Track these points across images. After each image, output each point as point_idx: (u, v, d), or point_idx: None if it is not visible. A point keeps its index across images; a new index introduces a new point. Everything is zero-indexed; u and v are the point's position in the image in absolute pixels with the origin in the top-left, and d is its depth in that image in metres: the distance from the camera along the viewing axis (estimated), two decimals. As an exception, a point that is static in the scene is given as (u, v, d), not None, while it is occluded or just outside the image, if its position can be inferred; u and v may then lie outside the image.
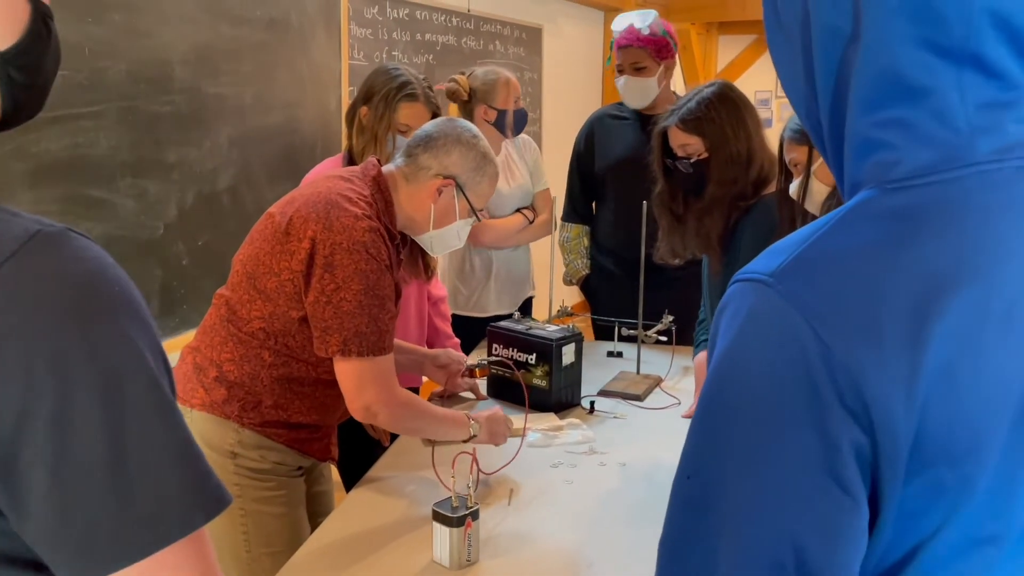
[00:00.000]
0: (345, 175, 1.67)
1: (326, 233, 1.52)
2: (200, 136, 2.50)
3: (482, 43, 4.60)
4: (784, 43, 0.69)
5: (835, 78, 0.65)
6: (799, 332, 0.58)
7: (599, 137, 2.89)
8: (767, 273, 0.61)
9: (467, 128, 1.71)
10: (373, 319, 1.54)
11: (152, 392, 0.63)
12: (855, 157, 0.65)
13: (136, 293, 0.66)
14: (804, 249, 0.61)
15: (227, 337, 1.62)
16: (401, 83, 2.08)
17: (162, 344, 0.67)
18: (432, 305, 2.30)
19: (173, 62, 2.38)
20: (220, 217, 2.60)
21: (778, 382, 0.58)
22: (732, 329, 0.62)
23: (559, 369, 2.16)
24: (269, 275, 1.57)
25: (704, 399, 0.64)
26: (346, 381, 1.56)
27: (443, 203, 1.68)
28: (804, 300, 0.58)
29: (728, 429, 0.60)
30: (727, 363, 0.62)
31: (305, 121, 2.98)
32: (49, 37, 0.70)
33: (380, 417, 1.58)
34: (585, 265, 2.97)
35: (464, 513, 1.45)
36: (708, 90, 1.99)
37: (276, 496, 1.65)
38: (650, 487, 1.77)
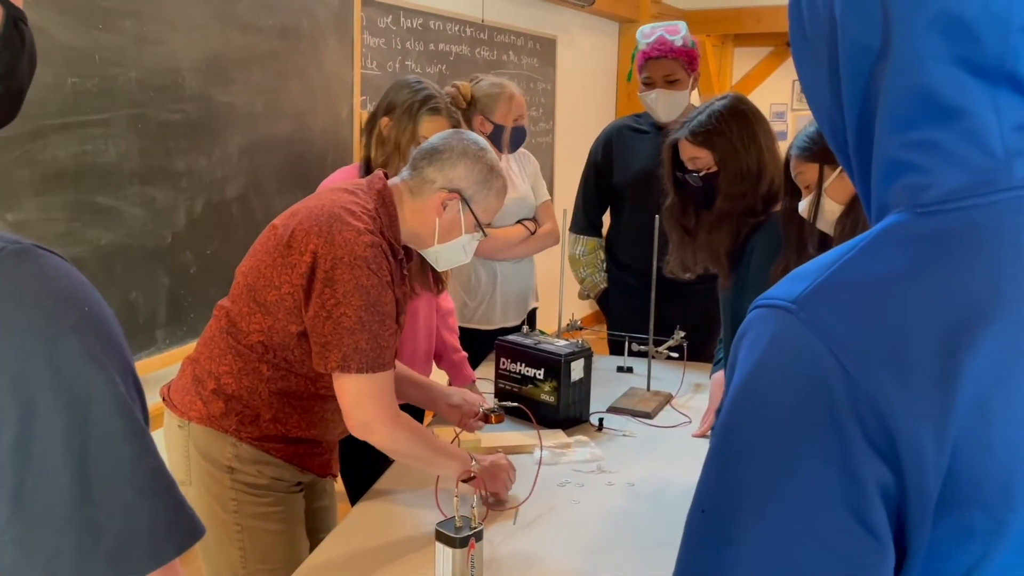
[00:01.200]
0: (350, 187, 1.64)
1: (327, 247, 1.49)
2: (209, 144, 2.49)
3: (496, 53, 4.59)
4: (810, 58, 0.67)
5: (862, 96, 0.62)
6: (822, 362, 0.55)
7: (618, 149, 2.86)
8: (790, 299, 0.59)
9: (474, 141, 1.67)
10: (373, 335, 1.51)
11: (121, 418, 0.60)
12: (883, 179, 0.62)
13: (108, 312, 0.64)
14: (829, 275, 0.59)
15: (226, 349, 1.60)
16: (425, 97, 2.07)
17: (134, 366, 0.65)
18: (440, 318, 2.28)
19: (183, 70, 2.37)
20: (229, 226, 2.58)
21: (799, 414, 0.56)
22: (752, 357, 0.60)
23: (567, 385, 2.13)
24: (269, 288, 1.55)
25: (721, 430, 0.61)
26: (345, 397, 1.53)
27: (448, 217, 1.65)
28: (828, 329, 0.56)
29: (745, 462, 0.58)
30: (746, 393, 0.59)
31: (316, 130, 2.97)
32: (23, 42, 0.68)
33: (377, 435, 1.54)
34: (603, 279, 2.94)
35: (468, 534, 1.42)
36: (719, 103, 1.96)
37: (274, 512, 1.62)
38: (659, 509, 1.74)
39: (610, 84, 6.28)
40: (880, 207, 0.63)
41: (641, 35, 2.75)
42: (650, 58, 2.70)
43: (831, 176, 1.64)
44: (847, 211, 1.63)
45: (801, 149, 1.69)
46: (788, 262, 1.78)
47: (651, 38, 2.70)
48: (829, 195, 1.65)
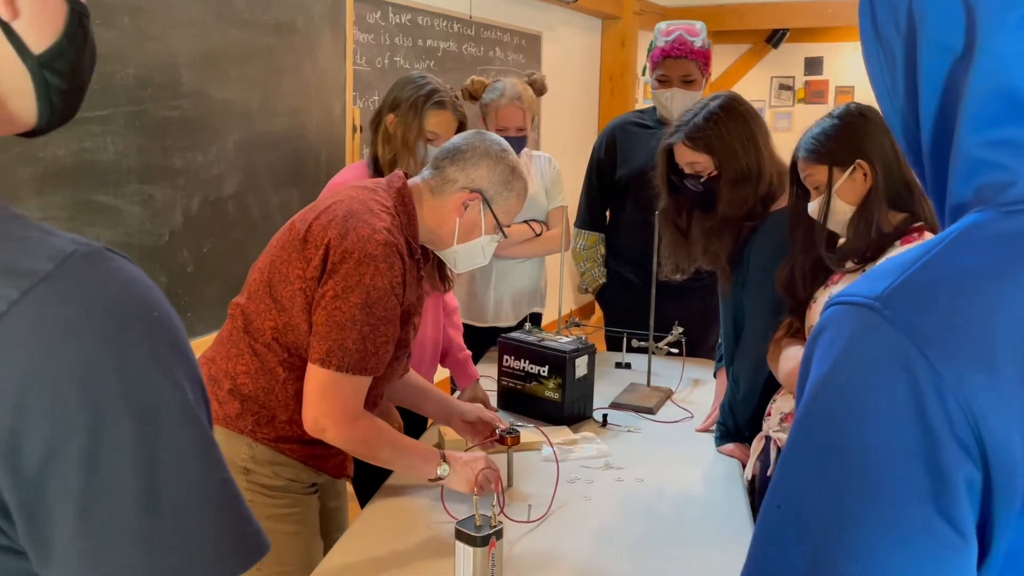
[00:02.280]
0: (370, 185, 1.64)
1: (339, 240, 1.49)
2: (207, 142, 2.46)
3: (483, 49, 4.58)
4: (882, 57, 0.67)
5: (941, 95, 0.62)
6: (910, 360, 0.55)
7: (622, 145, 2.86)
8: (872, 297, 0.58)
9: (496, 142, 1.66)
10: (362, 337, 1.48)
11: (190, 428, 0.59)
12: (962, 177, 0.62)
13: (176, 318, 0.62)
14: (913, 273, 0.58)
15: (244, 349, 1.58)
16: (429, 91, 2.06)
17: (201, 374, 0.64)
18: (446, 316, 2.27)
19: (180, 66, 2.34)
20: (225, 224, 2.56)
21: (885, 412, 0.55)
22: (831, 355, 0.59)
23: (572, 382, 2.14)
24: (284, 283, 1.54)
25: (800, 427, 0.61)
26: (310, 385, 1.51)
27: (469, 218, 1.64)
28: (915, 326, 0.56)
29: (827, 459, 0.58)
30: (827, 390, 0.59)
31: (310, 127, 2.95)
32: (86, 39, 0.67)
33: (329, 434, 1.51)
34: (602, 274, 2.94)
35: (488, 532, 1.42)
36: (714, 103, 1.93)
37: (290, 514, 1.61)
38: (670, 504, 1.75)
39: (593, 80, 6.29)
40: (957, 206, 0.63)
41: (659, 32, 2.74)
42: (668, 57, 2.69)
43: (841, 177, 1.65)
44: (859, 212, 1.65)
45: (809, 151, 1.69)
46: (795, 263, 1.79)
47: (670, 36, 2.69)
48: (840, 196, 1.66)
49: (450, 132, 2.10)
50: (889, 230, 1.65)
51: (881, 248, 1.65)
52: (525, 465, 1.89)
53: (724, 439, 2.01)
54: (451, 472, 1.60)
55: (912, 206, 1.65)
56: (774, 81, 8.59)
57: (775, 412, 1.84)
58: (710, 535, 1.63)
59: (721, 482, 1.87)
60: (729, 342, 2.02)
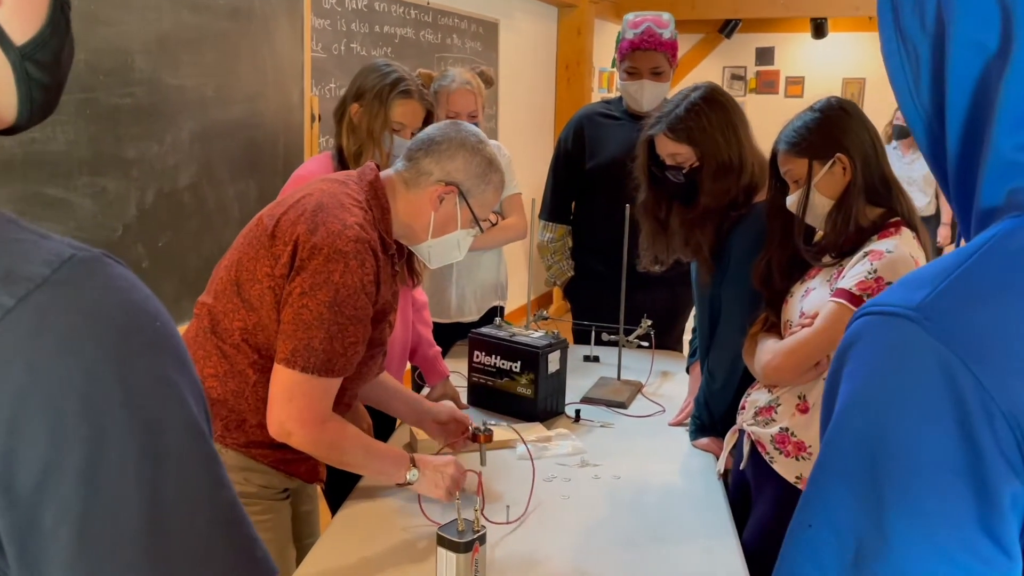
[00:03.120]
0: (341, 178, 1.57)
1: (308, 235, 1.43)
2: (161, 130, 2.36)
3: (440, 36, 4.51)
4: (904, 56, 0.65)
5: (971, 95, 0.60)
6: (953, 373, 0.53)
7: (590, 135, 2.82)
8: (910, 307, 0.56)
9: (472, 132, 1.61)
10: (330, 337, 1.42)
11: (196, 445, 0.56)
12: (994, 181, 0.60)
13: (175, 328, 0.59)
14: (952, 282, 0.56)
15: (212, 350, 1.51)
16: (395, 80, 1.99)
17: (202, 386, 0.60)
18: (415, 312, 2.22)
19: (133, 52, 2.24)
20: (181, 216, 2.46)
21: (927, 427, 0.53)
22: (867, 367, 0.57)
23: (544, 377, 2.10)
24: (252, 282, 1.47)
25: (833, 445, 0.58)
26: (275, 387, 1.45)
27: (444, 211, 1.59)
28: (959, 338, 0.53)
29: (865, 478, 0.55)
30: (863, 406, 0.57)
31: (268, 115, 2.85)
32: (67, 28, 0.62)
33: (295, 437, 1.45)
34: (570, 267, 2.91)
35: (471, 538, 1.39)
36: (695, 94, 1.91)
37: (261, 521, 1.54)
38: (650, 501, 1.73)
39: (550, 69, 6.25)
40: (987, 211, 0.60)
41: (627, 24, 2.71)
42: (637, 49, 2.66)
43: (821, 171, 1.65)
44: (837, 205, 1.64)
45: (789, 144, 1.68)
46: (771, 256, 1.79)
47: (639, 28, 2.66)
48: (819, 189, 1.65)
49: (417, 122, 2.04)
50: (866, 224, 1.65)
51: (858, 242, 1.65)
52: (500, 464, 1.86)
53: (699, 433, 2.00)
54: (421, 477, 1.56)
55: (890, 201, 1.65)
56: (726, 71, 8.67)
57: (749, 406, 1.83)
58: (692, 532, 1.62)
59: (699, 477, 1.86)
60: (705, 335, 2.00)
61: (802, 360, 1.63)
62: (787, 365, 1.64)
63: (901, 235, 1.61)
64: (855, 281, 1.57)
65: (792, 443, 1.69)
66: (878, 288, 1.54)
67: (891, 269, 1.54)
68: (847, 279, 1.59)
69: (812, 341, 1.60)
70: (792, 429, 1.69)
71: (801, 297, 1.73)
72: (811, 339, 1.60)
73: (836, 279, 1.64)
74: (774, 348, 1.70)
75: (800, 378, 1.67)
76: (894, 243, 1.58)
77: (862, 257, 1.59)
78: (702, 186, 1.88)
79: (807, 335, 1.61)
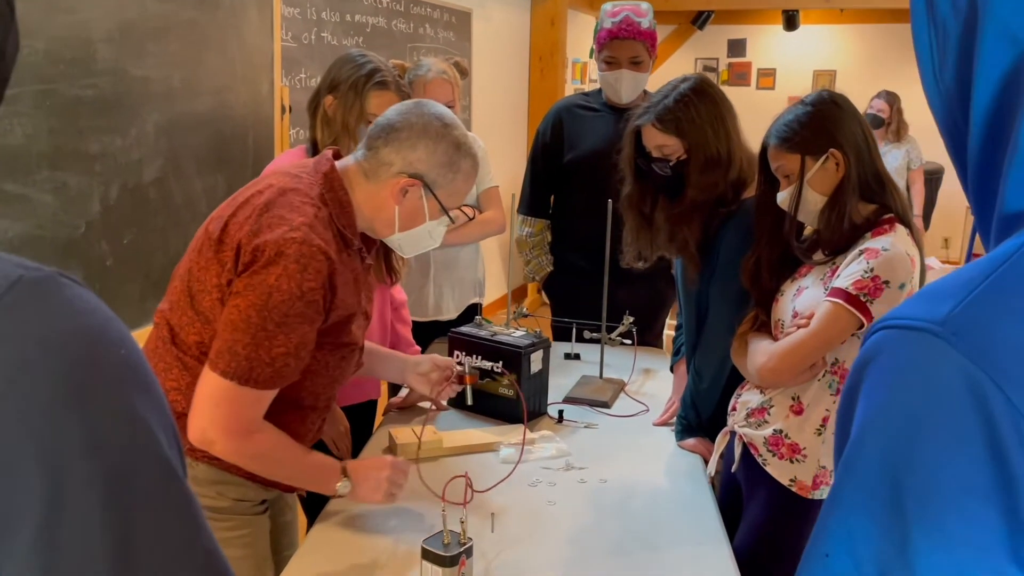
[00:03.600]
0: (294, 171, 1.47)
1: (250, 238, 1.33)
2: (125, 123, 2.26)
3: (412, 26, 4.43)
4: (933, 36, 0.60)
5: (999, 88, 0.56)
6: (983, 392, 0.48)
7: (569, 128, 2.76)
8: (934, 321, 0.51)
9: (437, 115, 1.46)
10: (255, 344, 1.31)
11: (168, 487, 0.50)
12: (1019, 184, 0.55)
13: (140, 353, 0.52)
14: (980, 293, 0.52)
15: (172, 363, 1.42)
16: (370, 71, 1.92)
17: (173, 417, 0.54)
18: (394, 311, 2.15)
19: (95, 41, 2.14)
20: (146, 212, 2.37)
21: (955, 450, 0.49)
22: (888, 386, 0.53)
23: (527, 378, 2.05)
24: (204, 293, 1.38)
25: (850, 469, 0.54)
26: (200, 390, 1.35)
27: (409, 204, 1.46)
28: (988, 355, 0.49)
29: (887, 504, 0.51)
30: (885, 427, 0.52)
31: (237, 107, 2.76)
32: (12, 17, 0.56)
33: (217, 446, 1.36)
34: (549, 262, 2.86)
35: (458, 551, 1.33)
36: (685, 85, 1.85)
37: (237, 537, 1.47)
38: (638, 505, 1.69)
39: (523, 60, 6.19)
40: (1009, 216, 0.56)
41: (605, 13, 2.65)
42: (616, 38, 2.61)
43: (813, 167, 1.60)
44: (831, 202, 1.60)
45: (781, 139, 1.64)
46: (761, 254, 1.75)
47: (617, 18, 2.61)
48: (811, 186, 1.61)
49: None
50: (860, 221, 1.61)
51: (852, 240, 1.61)
52: (483, 469, 1.80)
53: (685, 433, 1.96)
54: (355, 485, 1.47)
55: (883, 197, 1.62)
56: (698, 63, 8.65)
57: (740, 407, 1.79)
58: (683, 537, 1.57)
59: (687, 479, 1.82)
60: (691, 334, 1.96)
61: (798, 362, 1.59)
62: (783, 367, 1.60)
63: (896, 232, 1.57)
64: (851, 280, 1.53)
65: (786, 445, 1.65)
66: (875, 287, 1.51)
67: (888, 267, 1.51)
68: (843, 278, 1.55)
69: (809, 343, 1.56)
70: (786, 431, 1.65)
71: (793, 296, 1.69)
72: (807, 340, 1.56)
73: (830, 278, 1.60)
74: (769, 350, 1.66)
75: (795, 380, 1.63)
76: (890, 240, 1.54)
77: (857, 255, 1.55)
78: (689, 179, 1.83)
79: (803, 336, 1.57)
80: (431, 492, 1.64)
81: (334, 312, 1.41)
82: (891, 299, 1.51)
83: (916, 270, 1.55)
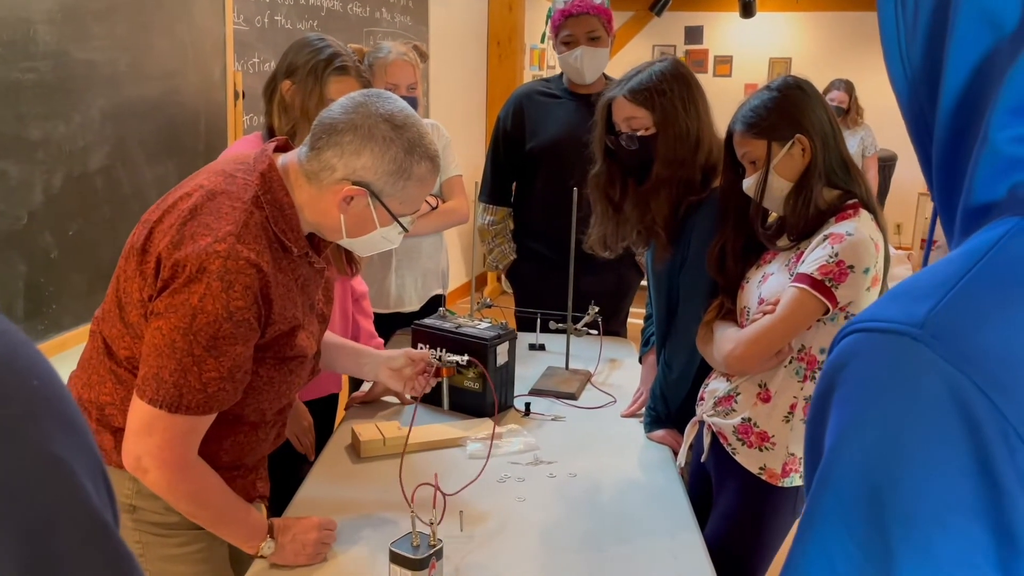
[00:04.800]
0: (229, 169, 1.34)
1: (171, 250, 1.22)
2: (69, 109, 2.16)
3: (368, 10, 4.33)
4: (900, 19, 0.57)
5: (970, 75, 0.52)
6: (967, 400, 0.46)
7: (530, 115, 2.71)
8: (912, 324, 0.48)
9: (385, 115, 1.30)
10: (182, 370, 1.21)
11: (95, 541, 0.44)
12: (990, 174, 0.52)
13: (59, 382, 0.45)
14: (958, 292, 0.49)
15: (106, 375, 1.33)
16: (330, 55, 1.84)
17: (99, 453, 0.47)
18: (355, 303, 2.09)
19: (35, 22, 2.03)
20: (93, 202, 2.27)
21: (939, 463, 0.46)
22: (864, 394, 0.49)
23: (493, 370, 2.01)
24: (131, 305, 1.28)
25: (826, 484, 0.51)
26: (133, 418, 1.26)
27: (355, 213, 1.33)
28: (971, 358, 0.46)
29: (865, 523, 0.48)
30: (862, 438, 0.49)
31: (187, 91, 2.65)
32: None
33: (150, 476, 1.26)
34: (512, 250, 2.81)
35: (428, 553, 1.29)
36: (660, 64, 1.84)
37: (188, 553, 1.39)
38: (609, 499, 1.66)
39: (481, 46, 6.11)
40: (982, 207, 0.53)
41: None
42: (570, 15, 2.57)
43: (780, 153, 1.59)
44: (796, 188, 1.59)
45: (747, 125, 1.61)
46: (726, 241, 1.73)
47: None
48: (777, 172, 1.59)
49: None
50: (824, 207, 1.60)
51: (817, 225, 1.60)
52: (449, 466, 1.76)
53: (654, 425, 1.94)
54: (279, 548, 1.37)
55: (848, 183, 1.61)
56: (656, 50, 8.64)
57: (708, 396, 1.77)
58: (655, 530, 1.55)
59: (657, 471, 1.79)
60: (661, 324, 1.93)
61: (765, 348, 1.58)
62: (750, 354, 1.59)
63: (860, 217, 1.56)
64: (816, 266, 1.52)
65: (755, 433, 1.64)
66: (840, 271, 1.50)
67: (852, 252, 1.51)
68: (808, 263, 1.54)
69: (775, 328, 1.55)
70: (754, 419, 1.64)
71: (758, 283, 1.67)
72: (774, 326, 1.56)
73: (795, 264, 1.59)
74: (735, 337, 1.64)
75: (762, 366, 1.62)
76: (854, 225, 1.54)
77: (822, 240, 1.55)
78: (657, 152, 1.81)
79: (769, 322, 1.56)
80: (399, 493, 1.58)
81: (272, 326, 1.30)
82: (856, 284, 1.51)
83: (880, 255, 1.55)
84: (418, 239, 2.54)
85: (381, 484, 1.67)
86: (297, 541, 1.37)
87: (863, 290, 1.53)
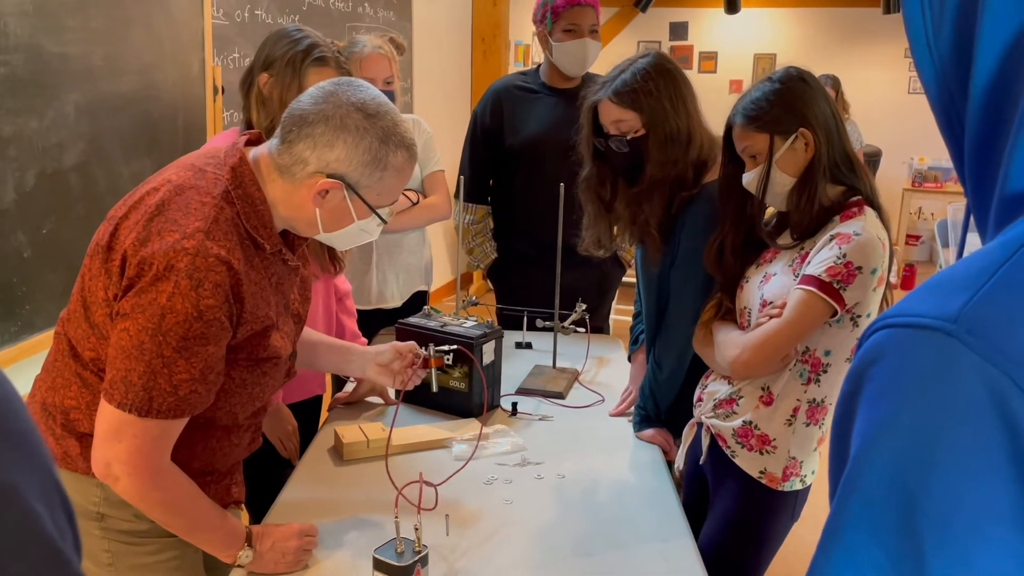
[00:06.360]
0: (199, 163, 1.29)
1: (136, 247, 1.17)
2: (42, 104, 2.10)
3: (351, 4, 4.28)
4: (926, 3, 0.54)
5: (1006, 54, 0.49)
6: (1006, 399, 0.42)
7: (509, 110, 2.66)
8: (946, 318, 0.45)
9: (357, 104, 1.25)
10: (152, 372, 1.17)
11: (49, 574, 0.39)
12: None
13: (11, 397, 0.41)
14: (995, 284, 0.45)
15: (71, 379, 1.29)
16: (308, 46, 1.79)
17: (57, 474, 0.42)
18: (338, 302, 2.04)
19: (6, 15, 1.97)
20: (67, 200, 2.21)
21: (976, 466, 0.43)
22: (895, 393, 0.46)
23: (480, 370, 1.96)
24: (96, 305, 1.24)
25: (857, 485, 0.47)
26: (101, 423, 1.21)
27: (331, 206, 1.28)
28: (1011, 355, 0.43)
29: (899, 529, 0.45)
30: (894, 440, 0.46)
31: (165, 87, 2.60)
32: None
33: (121, 483, 1.22)
34: (493, 248, 2.76)
35: (412, 560, 1.25)
36: (643, 60, 1.78)
37: (160, 562, 1.34)
38: (600, 501, 1.62)
39: (465, 42, 6.06)
40: (1014, 197, 0.50)
41: None
42: (577, 5, 2.53)
43: (782, 147, 1.54)
44: (800, 184, 1.54)
45: (748, 118, 1.56)
46: (725, 237, 1.69)
47: None
48: (780, 167, 1.55)
49: None
50: (828, 204, 1.56)
51: (821, 223, 1.56)
52: (434, 467, 1.71)
53: (643, 424, 1.90)
54: (258, 556, 1.32)
55: (852, 179, 1.56)
56: (641, 45, 8.62)
57: (707, 397, 1.72)
58: (647, 532, 1.51)
59: (647, 472, 1.76)
60: (651, 322, 1.90)
61: (772, 354, 1.52)
62: (757, 360, 1.53)
63: (866, 215, 1.52)
64: (824, 267, 1.47)
65: (756, 436, 1.60)
66: (848, 273, 1.46)
67: (860, 253, 1.46)
68: (814, 265, 1.49)
69: (782, 333, 1.50)
70: (755, 422, 1.60)
71: (760, 283, 1.63)
72: (781, 331, 1.50)
73: (799, 264, 1.54)
74: (740, 342, 1.58)
75: (768, 371, 1.57)
76: (860, 225, 1.49)
77: (828, 241, 1.50)
78: (648, 155, 1.76)
79: (776, 327, 1.51)
80: (383, 496, 1.54)
81: (244, 326, 1.25)
82: (863, 285, 1.47)
83: (887, 254, 1.51)
84: (400, 235, 2.49)
85: (364, 487, 1.63)
86: (277, 549, 1.33)
87: (870, 291, 1.49)
